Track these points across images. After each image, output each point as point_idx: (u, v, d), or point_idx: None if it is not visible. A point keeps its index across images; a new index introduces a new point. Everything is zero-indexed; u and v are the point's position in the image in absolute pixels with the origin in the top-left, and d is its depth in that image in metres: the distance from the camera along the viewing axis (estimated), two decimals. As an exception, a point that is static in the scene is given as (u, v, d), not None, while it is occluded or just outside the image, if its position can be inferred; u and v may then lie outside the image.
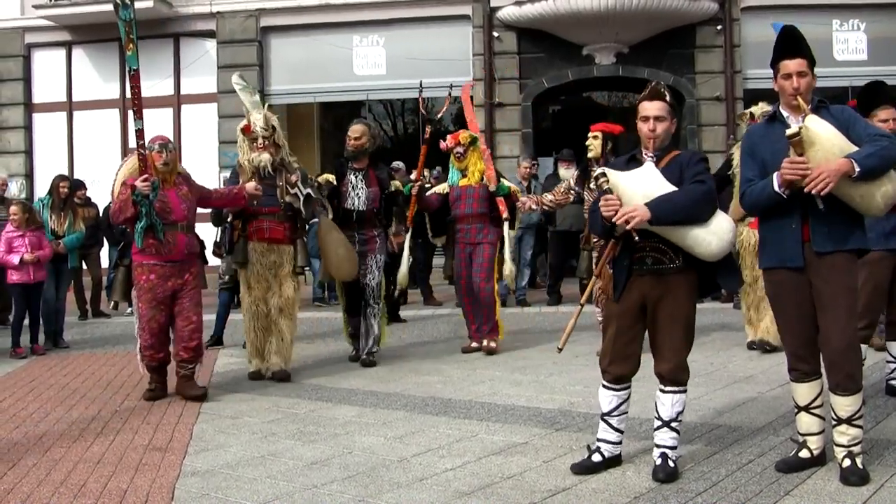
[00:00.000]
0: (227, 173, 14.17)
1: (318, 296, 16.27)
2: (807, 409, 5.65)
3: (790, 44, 5.63)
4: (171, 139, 9.14)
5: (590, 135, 10.32)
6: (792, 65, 5.55)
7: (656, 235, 5.50)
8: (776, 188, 5.41)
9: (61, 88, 22.35)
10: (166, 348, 8.56)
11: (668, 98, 5.70)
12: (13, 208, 11.58)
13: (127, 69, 8.32)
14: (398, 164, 15.87)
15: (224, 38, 21.66)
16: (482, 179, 10.57)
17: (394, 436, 6.84)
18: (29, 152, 22.45)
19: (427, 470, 5.93)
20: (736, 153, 10.18)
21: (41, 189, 20.38)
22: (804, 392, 5.66)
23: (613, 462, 5.80)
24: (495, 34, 20.82)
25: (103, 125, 21.92)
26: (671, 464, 5.59)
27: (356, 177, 10.04)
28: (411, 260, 11.25)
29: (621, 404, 5.75)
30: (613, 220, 5.42)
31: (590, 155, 10.24)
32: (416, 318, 14.16)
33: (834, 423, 5.52)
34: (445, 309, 14.90)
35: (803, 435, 5.69)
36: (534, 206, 10.63)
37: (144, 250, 8.25)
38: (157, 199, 8.17)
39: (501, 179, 10.80)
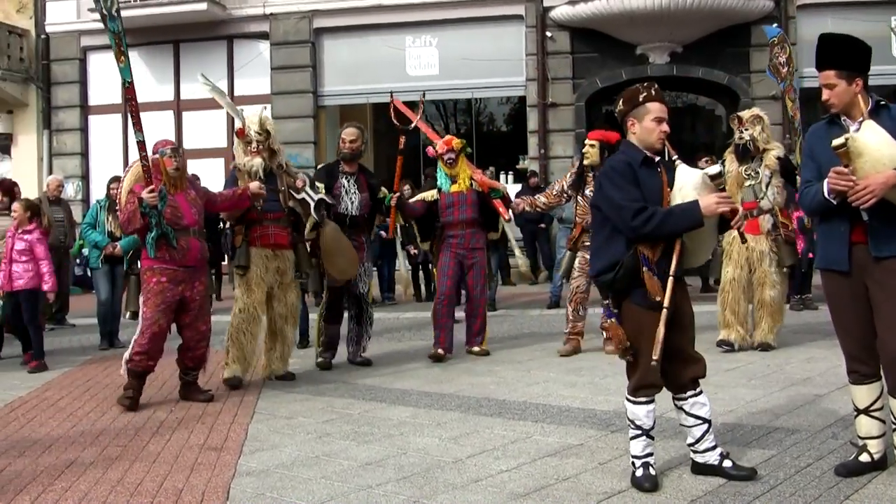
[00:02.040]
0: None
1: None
2: (866, 411, 5.56)
3: (820, 54, 5.54)
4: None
5: (587, 142, 10.35)
6: (820, 77, 5.49)
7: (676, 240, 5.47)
8: (826, 195, 5.34)
9: (116, 91, 22.54)
10: (159, 357, 8.40)
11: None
12: (14, 205, 11.20)
13: (121, 83, 8.18)
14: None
15: (277, 39, 21.81)
16: (472, 185, 10.49)
17: (448, 437, 6.83)
18: (85, 154, 22.74)
19: (482, 471, 5.90)
20: (728, 157, 10.17)
21: (97, 190, 20.68)
22: (863, 395, 5.57)
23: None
24: (548, 34, 20.81)
25: (158, 127, 21.96)
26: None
27: (349, 181, 10.01)
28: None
29: None
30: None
31: (586, 162, 10.28)
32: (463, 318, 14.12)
33: (894, 426, 5.44)
34: (499, 311, 14.85)
35: (863, 438, 5.60)
36: (527, 208, 10.69)
37: (158, 256, 8.14)
38: (166, 207, 8.05)
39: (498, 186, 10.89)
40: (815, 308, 12.87)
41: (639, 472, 5.49)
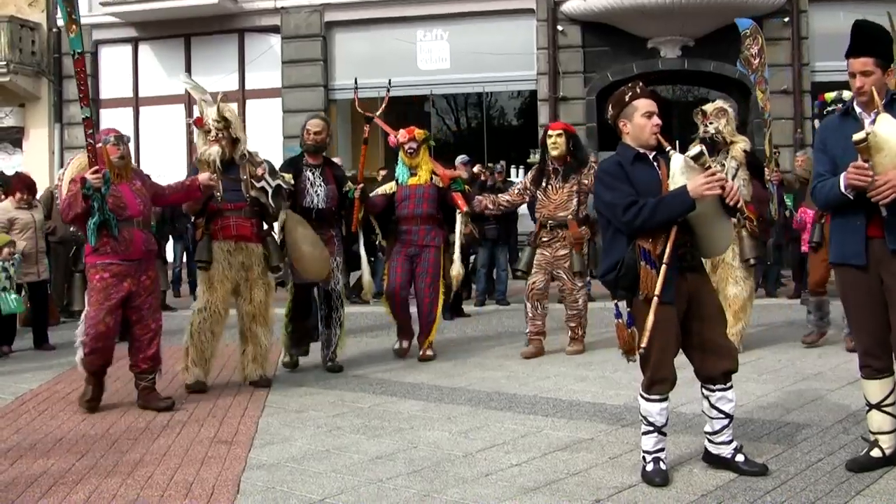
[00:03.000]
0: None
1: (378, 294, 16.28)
2: (878, 406, 5.55)
3: (857, 41, 5.48)
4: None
5: (552, 133, 10.20)
6: (856, 64, 5.42)
7: (690, 230, 5.45)
8: (842, 189, 5.32)
9: (128, 84, 22.63)
10: (111, 354, 7.99)
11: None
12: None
13: (71, 53, 7.71)
14: (464, 157, 15.72)
15: (288, 33, 21.82)
16: (432, 179, 10.19)
17: (458, 430, 6.83)
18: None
19: (492, 465, 5.91)
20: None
21: (109, 184, 20.64)
22: (875, 389, 5.56)
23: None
24: (559, 28, 20.79)
25: (169, 120, 22.14)
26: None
27: (313, 173, 9.65)
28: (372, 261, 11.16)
29: None
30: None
31: (554, 153, 10.10)
32: (480, 312, 14.15)
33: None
34: (512, 305, 14.86)
35: (875, 433, 5.59)
36: (490, 206, 10.55)
37: (99, 249, 7.69)
38: (109, 194, 7.63)
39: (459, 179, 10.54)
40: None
41: (649, 467, 5.49)
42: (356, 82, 10.85)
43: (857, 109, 5.50)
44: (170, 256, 15.80)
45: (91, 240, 7.66)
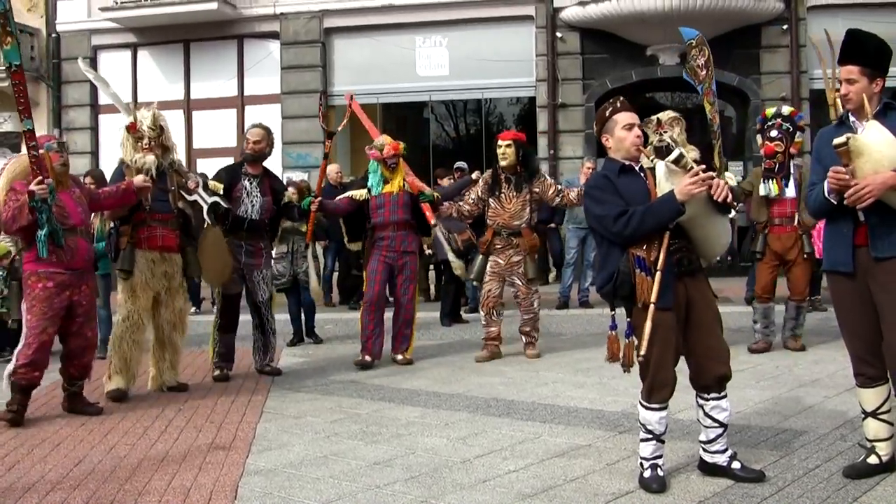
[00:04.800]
0: (291, 174, 14.22)
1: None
2: (874, 414, 5.56)
3: (844, 48, 5.53)
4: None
5: (502, 143, 10.23)
6: (843, 71, 5.49)
7: (686, 235, 5.45)
8: (826, 194, 5.35)
9: (126, 90, 22.58)
10: (45, 368, 7.76)
11: None
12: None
13: (7, 66, 7.45)
14: (462, 164, 15.75)
15: (287, 39, 21.82)
16: (405, 186, 10.24)
17: (456, 437, 6.83)
18: (95, 153, 22.76)
19: (490, 471, 5.91)
20: (645, 161, 10.09)
21: (107, 189, 20.63)
22: (870, 397, 5.57)
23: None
24: (558, 35, 20.77)
25: (168, 126, 22.10)
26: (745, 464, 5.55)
27: (251, 183, 9.54)
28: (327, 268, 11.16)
29: None
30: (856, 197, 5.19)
31: (503, 163, 10.18)
32: (477, 318, 14.11)
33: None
34: (508, 310, 14.84)
35: (871, 441, 5.60)
36: (453, 214, 10.57)
37: (41, 259, 7.52)
38: (54, 203, 7.50)
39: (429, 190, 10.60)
40: (824, 310, 12.84)
41: (647, 473, 5.49)
42: (321, 98, 10.87)
43: (852, 118, 5.52)
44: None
45: (42, 251, 7.48)
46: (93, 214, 8.79)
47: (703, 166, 5.43)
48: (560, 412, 7.56)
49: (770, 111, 9.97)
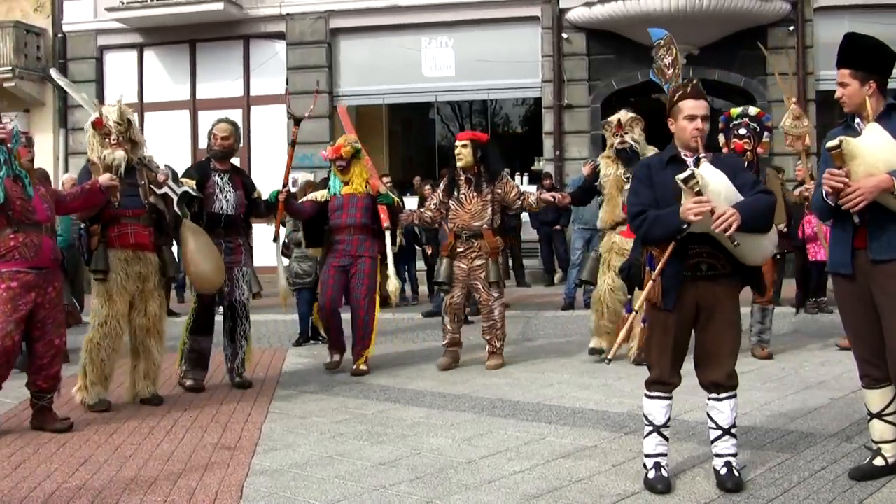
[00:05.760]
0: (297, 174, 14.18)
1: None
2: (879, 416, 5.54)
3: (840, 52, 5.55)
4: None
5: (458, 143, 10.08)
6: (838, 74, 5.53)
7: (711, 241, 5.37)
8: (824, 195, 5.35)
9: (132, 90, 22.62)
10: (7, 376, 7.36)
11: (707, 98, 5.57)
12: None
13: None
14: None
15: (294, 39, 21.84)
16: (367, 188, 10.01)
17: (462, 437, 6.83)
18: (101, 153, 22.76)
19: (495, 472, 5.91)
20: (603, 162, 10.12)
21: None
22: (876, 399, 5.55)
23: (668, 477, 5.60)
24: (564, 36, 20.78)
25: (174, 126, 22.16)
26: (736, 472, 5.46)
27: (222, 179, 9.21)
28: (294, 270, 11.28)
29: (669, 412, 5.61)
30: (714, 226, 5.16)
31: (460, 164, 9.99)
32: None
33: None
34: (513, 311, 14.87)
35: (877, 442, 5.58)
36: (415, 221, 10.46)
37: (6, 255, 7.10)
38: (16, 200, 7.13)
39: (387, 191, 10.37)
40: (830, 311, 12.82)
41: (651, 474, 5.50)
42: (287, 84, 10.63)
43: (857, 120, 5.52)
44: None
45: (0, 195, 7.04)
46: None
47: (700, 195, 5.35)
48: (565, 413, 7.56)
49: (735, 111, 9.90)
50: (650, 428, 5.55)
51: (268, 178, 9.11)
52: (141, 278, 8.34)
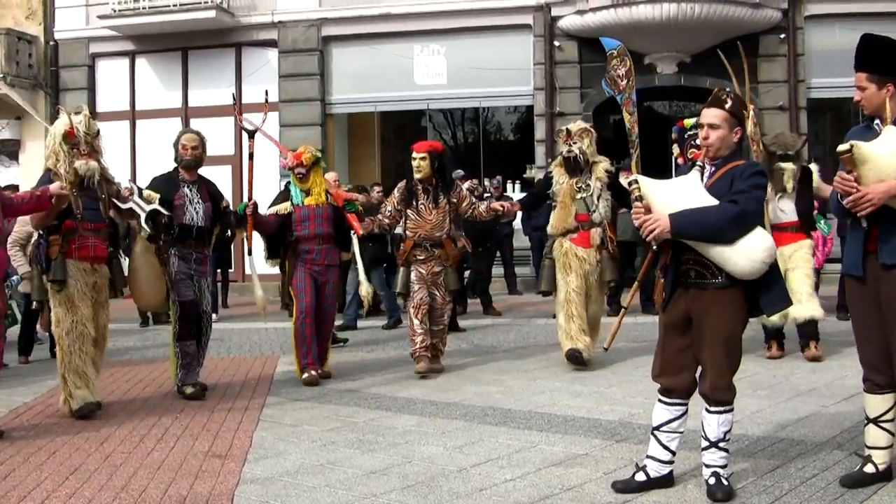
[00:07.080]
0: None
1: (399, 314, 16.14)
2: (875, 421, 5.54)
3: (856, 55, 5.55)
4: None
5: (416, 155, 10.02)
6: (854, 78, 5.51)
7: (693, 248, 5.39)
8: (839, 198, 5.36)
9: (125, 97, 22.64)
10: None
11: (728, 106, 5.45)
12: None
13: None
14: (459, 171, 15.76)
15: (286, 47, 21.86)
16: (328, 199, 10.04)
17: (453, 445, 6.83)
18: (92, 160, 22.75)
19: (486, 480, 5.90)
20: (556, 171, 10.20)
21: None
22: (875, 404, 5.55)
23: (660, 483, 5.60)
24: (556, 43, 20.84)
25: (166, 133, 21.99)
26: (725, 482, 5.42)
27: (191, 190, 9.20)
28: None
29: (672, 420, 5.56)
30: (640, 230, 5.36)
31: (418, 176, 9.97)
32: (474, 327, 14.12)
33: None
34: (505, 319, 14.88)
35: (869, 448, 5.58)
36: (375, 229, 10.47)
37: None
38: None
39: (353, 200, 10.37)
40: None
41: (639, 476, 5.64)
42: (234, 97, 10.59)
43: (877, 121, 5.51)
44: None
45: None
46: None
47: (640, 202, 5.42)
48: (557, 421, 7.56)
49: (689, 122, 9.98)
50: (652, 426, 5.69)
51: (261, 186, 9.02)
52: (95, 289, 8.33)
